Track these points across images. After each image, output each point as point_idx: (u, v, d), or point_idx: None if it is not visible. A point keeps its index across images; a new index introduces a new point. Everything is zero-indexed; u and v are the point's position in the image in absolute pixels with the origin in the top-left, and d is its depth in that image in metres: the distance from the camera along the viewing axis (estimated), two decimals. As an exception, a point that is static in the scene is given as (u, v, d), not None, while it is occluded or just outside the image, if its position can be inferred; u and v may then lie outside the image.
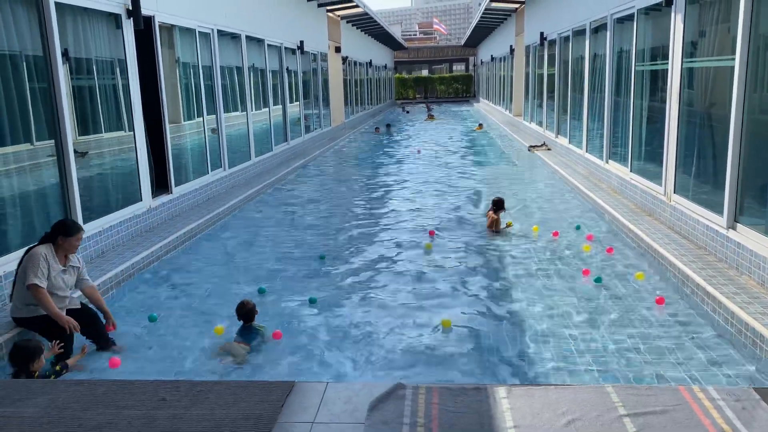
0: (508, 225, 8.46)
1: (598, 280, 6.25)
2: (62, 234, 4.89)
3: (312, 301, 5.98)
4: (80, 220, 6.72)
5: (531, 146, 16.60)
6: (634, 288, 6.10)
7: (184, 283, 6.71)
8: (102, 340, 5.08)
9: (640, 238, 7.25)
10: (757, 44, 5.69)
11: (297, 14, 17.57)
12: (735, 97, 5.88)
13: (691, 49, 7.25)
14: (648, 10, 8.74)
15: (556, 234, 8.09)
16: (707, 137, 6.85)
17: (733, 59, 5.91)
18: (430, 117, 31.68)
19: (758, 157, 5.74)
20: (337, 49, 24.57)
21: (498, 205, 8.51)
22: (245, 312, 5.26)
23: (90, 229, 6.90)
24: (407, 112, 38.45)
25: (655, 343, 4.88)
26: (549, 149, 15.90)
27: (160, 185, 9.00)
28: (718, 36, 6.66)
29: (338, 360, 4.83)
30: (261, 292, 6.29)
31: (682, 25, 7.31)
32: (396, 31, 44.49)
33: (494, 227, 8.37)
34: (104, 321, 5.22)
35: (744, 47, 5.77)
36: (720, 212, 6.21)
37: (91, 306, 5.26)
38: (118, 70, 7.87)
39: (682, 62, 7.35)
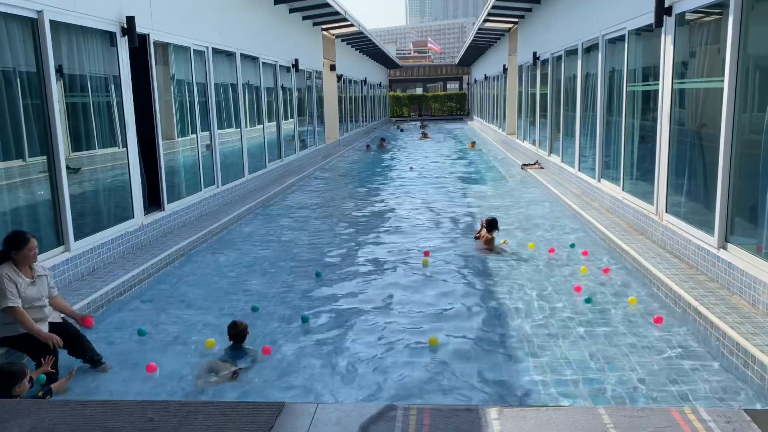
0: (504, 243, 8.47)
1: (588, 300, 6.25)
2: (13, 249, 4.81)
3: (304, 320, 5.96)
4: (71, 237, 6.69)
5: (524, 164, 16.68)
6: (626, 308, 6.10)
7: (174, 301, 6.67)
8: (88, 356, 5.03)
9: (632, 257, 7.27)
10: (746, 66, 5.76)
11: (292, 33, 17.70)
12: (724, 118, 5.94)
13: (681, 70, 7.34)
14: (639, 31, 8.85)
15: (552, 250, 8.11)
16: (698, 157, 6.90)
17: (722, 81, 5.98)
18: (424, 136, 31.70)
19: (748, 178, 5.79)
20: (332, 67, 24.73)
21: (492, 224, 8.52)
22: (237, 333, 5.21)
23: (81, 246, 6.88)
24: (402, 130, 38.56)
25: (646, 364, 4.87)
26: (542, 168, 15.99)
27: (153, 202, 8.98)
28: (707, 57, 6.74)
29: (329, 380, 4.79)
30: (254, 309, 6.26)
31: (672, 47, 7.40)
32: (390, 50, 44.84)
33: (488, 245, 8.37)
34: (79, 325, 5.15)
35: (733, 69, 5.84)
36: (711, 232, 6.24)
37: (71, 321, 5.20)
38: (112, 86, 7.89)
39: (672, 83, 7.43)
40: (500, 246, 8.42)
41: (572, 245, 8.38)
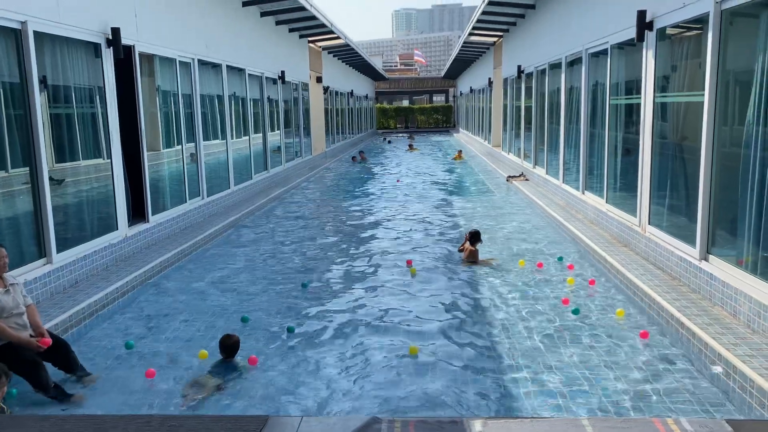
0: (494, 260, 8.46)
1: (575, 311, 6.28)
2: None
3: (290, 330, 5.94)
4: (53, 249, 6.62)
5: (509, 176, 16.78)
6: (610, 319, 6.14)
7: (159, 314, 6.61)
8: (73, 369, 4.97)
9: (616, 269, 7.33)
10: (726, 80, 5.86)
11: (279, 45, 17.73)
12: (705, 132, 6.03)
13: (662, 84, 7.45)
14: (621, 46, 8.98)
15: (540, 265, 8.12)
16: (680, 170, 6.99)
17: (703, 94, 6.07)
18: (411, 147, 31.77)
19: (729, 190, 5.87)
20: (319, 79, 24.77)
21: (474, 237, 8.55)
22: (229, 345, 5.16)
23: (64, 258, 6.80)
24: (389, 142, 38.72)
25: (629, 374, 4.90)
26: (527, 180, 16.09)
27: (137, 213, 8.92)
28: (688, 71, 6.85)
29: (313, 393, 4.77)
30: (244, 320, 6.23)
31: (653, 61, 7.51)
32: (377, 62, 45.01)
33: (472, 258, 8.39)
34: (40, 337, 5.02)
35: (713, 83, 5.93)
36: (693, 244, 6.31)
37: (56, 334, 5.12)
38: (96, 98, 7.84)
39: (654, 96, 7.53)
40: (485, 259, 8.43)
41: (560, 258, 8.42)
